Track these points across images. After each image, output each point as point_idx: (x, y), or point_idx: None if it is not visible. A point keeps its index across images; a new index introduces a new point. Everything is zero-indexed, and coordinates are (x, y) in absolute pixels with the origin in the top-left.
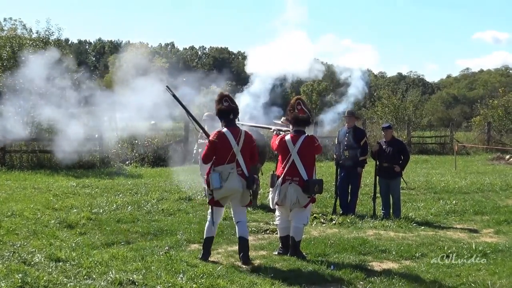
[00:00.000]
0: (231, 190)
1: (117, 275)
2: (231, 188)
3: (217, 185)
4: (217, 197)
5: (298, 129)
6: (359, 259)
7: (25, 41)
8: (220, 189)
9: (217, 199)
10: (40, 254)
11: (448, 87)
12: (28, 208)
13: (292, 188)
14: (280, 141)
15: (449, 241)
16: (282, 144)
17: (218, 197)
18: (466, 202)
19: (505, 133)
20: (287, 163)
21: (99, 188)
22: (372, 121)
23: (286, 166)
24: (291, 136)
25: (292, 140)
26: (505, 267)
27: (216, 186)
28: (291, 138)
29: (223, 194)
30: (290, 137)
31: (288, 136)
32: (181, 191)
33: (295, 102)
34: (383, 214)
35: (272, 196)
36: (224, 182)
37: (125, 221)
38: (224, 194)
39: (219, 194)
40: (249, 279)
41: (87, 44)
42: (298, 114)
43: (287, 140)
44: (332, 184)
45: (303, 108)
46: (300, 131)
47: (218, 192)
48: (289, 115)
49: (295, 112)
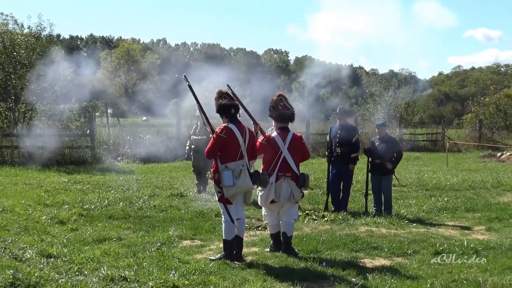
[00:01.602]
0: (243, 188)
1: (109, 271)
2: (243, 186)
3: (230, 183)
4: (227, 195)
5: (283, 126)
6: (351, 256)
7: (17, 36)
8: (232, 187)
9: (227, 196)
10: (32, 250)
11: (440, 84)
12: (19, 204)
13: (286, 184)
14: (269, 139)
15: (441, 238)
16: (271, 142)
17: (228, 194)
18: (458, 199)
19: (497, 130)
20: (278, 160)
21: (90, 184)
22: (364, 118)
23: (278, 163)
24: (278, 133)
25: (280, 137)
26: (496, 264)
27: (228, 183)
28: (279, 135)
29: (234, 191)
30: (278, 134)
31: (275, 133)
32: (173, 187)
33: (277, 99)
34: (375, 211)
35: (264, 194)
36: (236, 180)
37: (116, 217)
38: (236, 192)
39: (230, 191)
40: (241, 276)
41: (78, 39)
42: (283, 111)
43: (276, 136)
44: (324, 181)
45: (286, 104)
46: (285, 128)
47: (229, 189)
48: (272, 112)
49: (279, 109)
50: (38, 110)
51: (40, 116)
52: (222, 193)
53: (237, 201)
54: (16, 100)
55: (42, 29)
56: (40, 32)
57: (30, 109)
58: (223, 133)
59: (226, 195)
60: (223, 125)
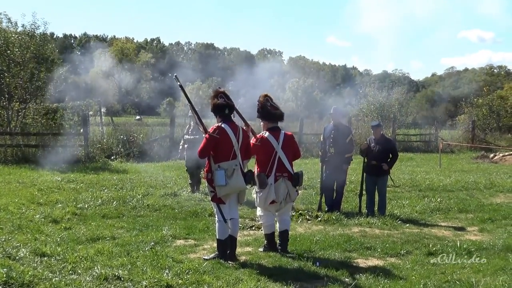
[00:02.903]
0: (236, 187)
1: (103, 270)
2: (236, 186)
3: (222, 182)
4: (220, 194)
5: (273, 126)
6: (344, 256)
7: (11, 34)
8: (225, 186)
9: (220, 196)
10: (25, 249)
11: (433, 85)
12: (13, 202)
13: (283, 184)
14: (262, 140)
15: (434, 238)
16: (265, 142)
17: (221, 194)
18: (451, 200)
19: (490, 131)
20: (274, 160)
21: (84, 183)
22: (357, 119)
23: (274, 163)
24: (271, 133)
25: (274, 137)
26: (489, 265)
27: (221, 183)
28: (272, 135)
29: (227, 191)
30: (270, 134)
31: (267, 133)
32: (166, 186)
33: (264, 99)
34: (368, 211)
35: (263, 196)
36: (229, 179)
37: (110, 216)
38: (228, 191)
39: (223, 191)
40: (235, 275)
41: (72, 38)
42: (273, 111)
43: (269, 137)
44: (318, 181)
45: (273, 104)
46: (276, 128)
47: (222, 189)
48: (260, 113)
49: (268, 108)
50: (32, 108)
51: (34, 114)
52: (215, 193)
53: (230, 200)
54: (9, 98)
55: (36, 27)
56: (34, 31)
57: (23, 108)
58: (215, 133)
59: (219, 195)
60: (216, 125)
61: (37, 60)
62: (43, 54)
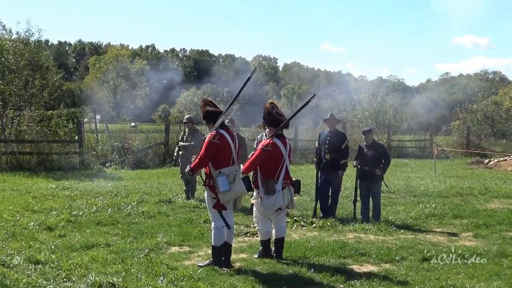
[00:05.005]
0: (238, 192)
1: (97, 277)
2: (238, 191)
3: (226, 188)
4: (223, 200)
5: (280, 133)
6: (339, 262)
7: (5, 42)
8: (229, 192)
9: (223, 202)
10: (19, 256)
11: (428, 91)
12: (7, 210)
13: (288, 191)
14: (274, 146)
15: (429, 244)
16: (276, 149)
17: (224, 200)
18: (446, 206)
19: (484, 137)
20: (282, 167)
21: (78, 190)
22: (352, 125)
23: (282, 170)
24: (279, 139)
25: (282, 143)
26: (483, 271)
27: (225, 189)
28: (280, 141)
29: (230, 196)
30: (279, 140)
31: (277, 140)
32: (161, 193)
33: (270, 106)
34: (363, 217)
35: (270, 202)
36: (232, 185)
37: (105, 223)
38: (231, 197)
39: (226, 197)
40: (229, 282)
41: (67, 45)
42: (280, 118)
43: (279, 144)
44: (313, 187)
45: (279, 111)
46: (282, 135)
47: (226, 195)
48: (267, 119)
49: (274, 115)
50: (26, 115)
51: (28, 121)
52: (217, 199)
53: (228, 207)
54: (4, 105)
55: (31, 34)
56: (28, 38)
57: (18, 115)
58: (216, 138)
59: (222, 201)
60: (214, 132)
61: (31, 67)
62: (37, 61)
